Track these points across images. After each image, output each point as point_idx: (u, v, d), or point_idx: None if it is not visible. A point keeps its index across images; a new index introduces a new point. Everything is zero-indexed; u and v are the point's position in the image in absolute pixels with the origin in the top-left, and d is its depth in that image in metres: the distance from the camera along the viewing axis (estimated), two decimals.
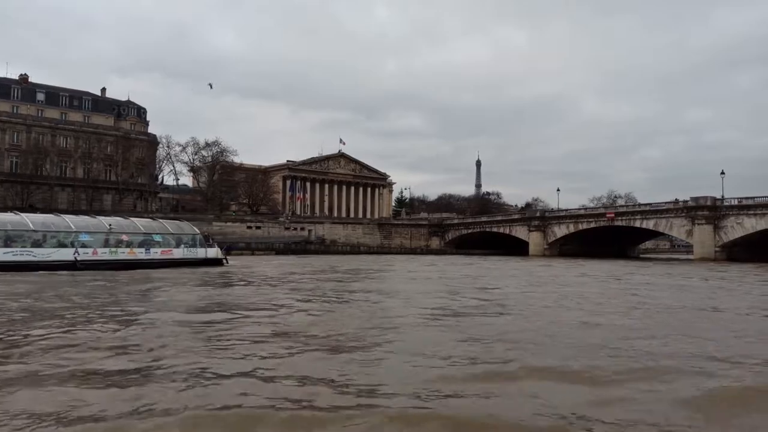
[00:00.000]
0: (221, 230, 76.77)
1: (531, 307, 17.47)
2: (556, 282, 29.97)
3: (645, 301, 19.78)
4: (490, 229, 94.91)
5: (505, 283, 29.06)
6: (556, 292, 23.28)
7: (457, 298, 19.83)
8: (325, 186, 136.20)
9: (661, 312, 16.50)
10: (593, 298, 20.52)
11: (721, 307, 18.32)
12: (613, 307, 17.53)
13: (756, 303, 19.79)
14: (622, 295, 22.18)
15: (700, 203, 68.63)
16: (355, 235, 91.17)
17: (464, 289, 24.37)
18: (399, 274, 36.42)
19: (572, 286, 26.59)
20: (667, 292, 23.78)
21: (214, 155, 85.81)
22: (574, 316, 15.04)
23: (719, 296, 22.45)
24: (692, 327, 13.39)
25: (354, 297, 20.01)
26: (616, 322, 13.96)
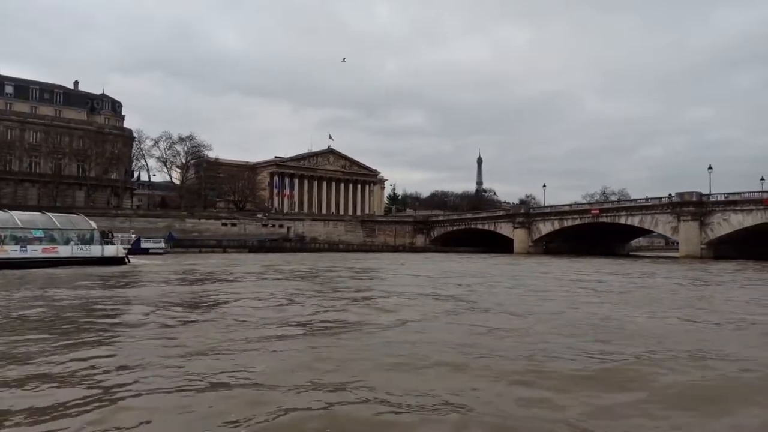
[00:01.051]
0: (194, 227, 74.98)
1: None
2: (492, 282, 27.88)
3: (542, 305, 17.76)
4: (475, 226, 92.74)
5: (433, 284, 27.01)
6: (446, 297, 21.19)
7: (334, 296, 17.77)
8: (314, 183, 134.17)
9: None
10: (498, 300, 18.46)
11: (619, 313, 16.26)
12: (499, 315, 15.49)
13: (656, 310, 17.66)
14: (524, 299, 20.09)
15: (685, 199, 66.31)
16: (337, 233, 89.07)
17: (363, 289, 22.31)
18: (342, 274, 34.34)
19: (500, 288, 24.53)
20: (595, 297, 21.73)
21: (188, 150, 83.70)
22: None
23: (639, 301, 20.41)
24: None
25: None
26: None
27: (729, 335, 12.60)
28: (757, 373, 8.75)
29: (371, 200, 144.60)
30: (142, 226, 69.29)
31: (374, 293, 20.86)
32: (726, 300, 19.97)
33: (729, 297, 21.13)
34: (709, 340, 11.65)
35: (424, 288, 23.07)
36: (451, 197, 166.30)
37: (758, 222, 62.00)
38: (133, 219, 68.94)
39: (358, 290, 21.98)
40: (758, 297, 21.23)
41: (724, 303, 18.98)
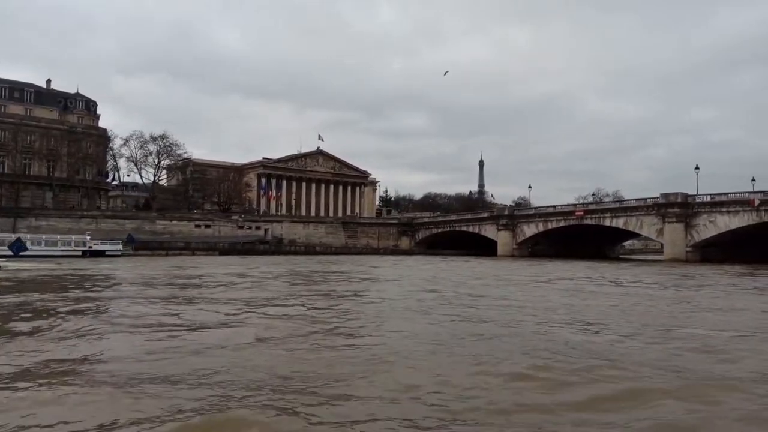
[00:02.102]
0: (166, 229, 72.88)
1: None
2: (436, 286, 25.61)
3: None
4: (459, 228, 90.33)
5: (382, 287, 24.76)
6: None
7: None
8: (302, 184, 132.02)
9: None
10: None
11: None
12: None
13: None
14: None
15: (670, 200, 63.80)
16: (317, 235, 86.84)
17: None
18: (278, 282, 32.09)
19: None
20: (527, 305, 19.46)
21: (160, 150, 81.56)
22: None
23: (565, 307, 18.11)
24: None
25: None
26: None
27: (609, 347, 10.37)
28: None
29: (361, 202, 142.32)
30: (110, 228, 67.36)
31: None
32: (643, 309, 17.65)
33: (659, 306, 18.84)
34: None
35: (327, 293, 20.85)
36: (444, 199, 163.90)
37: (745, 224, 59.48)
38: (100, 220, 66.94)
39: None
40: (696, 306, 18.91)
41: (644, 312, 16.74)
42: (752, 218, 58.78)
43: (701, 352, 10.76)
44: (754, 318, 16.08)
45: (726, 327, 14.01)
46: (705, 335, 12.68)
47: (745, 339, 12.43)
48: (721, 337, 12.56)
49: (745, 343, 11.89)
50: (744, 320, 15.50)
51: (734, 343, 11.88)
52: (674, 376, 8.61)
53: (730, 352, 10.81)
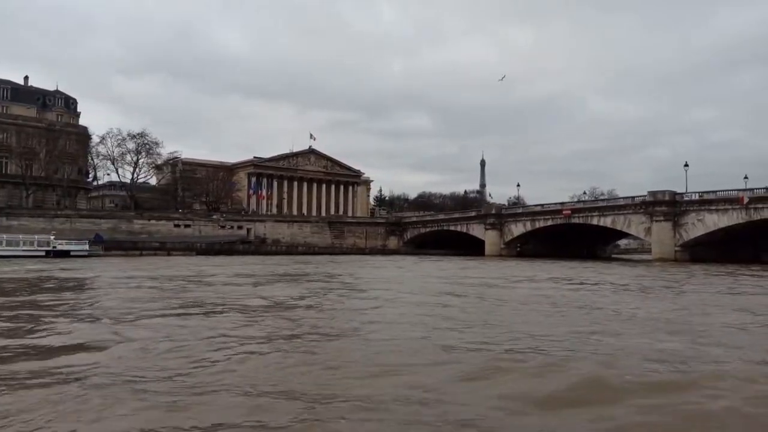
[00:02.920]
0: (143, 229, 71.38)
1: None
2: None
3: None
4: (447, 228, 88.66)
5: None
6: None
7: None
8: (293, 183, 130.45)
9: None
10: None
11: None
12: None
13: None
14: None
15: (657, 198, 62.00)
16: (302, 234, 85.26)
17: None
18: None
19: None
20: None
21: (139, 147, 79.90)
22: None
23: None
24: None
25: None
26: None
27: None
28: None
29: (354, 201, 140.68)
30: (85, 228, 65.87)
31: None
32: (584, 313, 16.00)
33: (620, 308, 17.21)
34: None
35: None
36: (438, 198, 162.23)
37: (735, 222, 57.68)
38: (74, 220, 65.45)
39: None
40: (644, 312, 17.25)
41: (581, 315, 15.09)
42: (741, 216, 56.95)
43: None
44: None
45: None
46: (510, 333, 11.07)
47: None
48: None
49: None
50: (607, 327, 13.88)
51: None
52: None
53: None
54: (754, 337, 12.64)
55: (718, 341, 11.77)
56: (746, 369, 9.12)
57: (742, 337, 12.46)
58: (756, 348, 11.12)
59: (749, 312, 16.91)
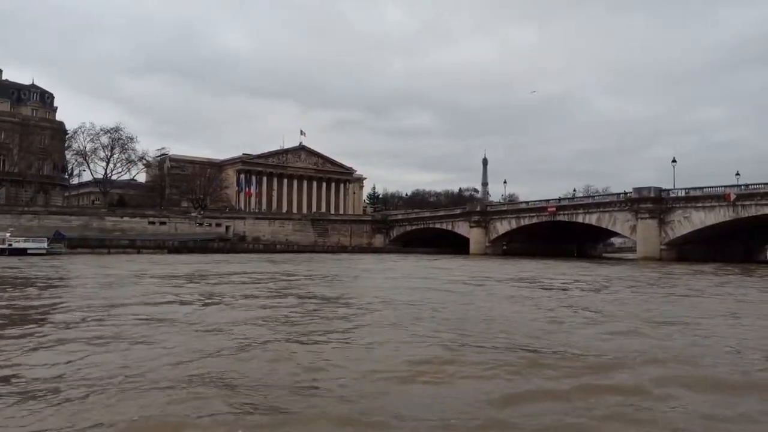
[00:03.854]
0: (116, 226, 69.63)
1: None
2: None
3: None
4: (433, 226, 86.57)
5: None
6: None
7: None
8: (283, 181, 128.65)
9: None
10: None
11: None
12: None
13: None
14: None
15: (643, 195, 59.75)
16: (283, 232, 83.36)
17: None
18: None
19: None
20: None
21: (112, 143, 77.93)
22: None
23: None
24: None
25: None
26: None
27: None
28: None
29: (346, 199, 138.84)
30: (54, 225, 64.18)
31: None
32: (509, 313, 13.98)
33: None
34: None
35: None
36: (432, 196, 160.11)
37: (722, 220, 55.38)
38: (43, 217, 63.70)
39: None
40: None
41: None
42: (728, 214, 54.69)
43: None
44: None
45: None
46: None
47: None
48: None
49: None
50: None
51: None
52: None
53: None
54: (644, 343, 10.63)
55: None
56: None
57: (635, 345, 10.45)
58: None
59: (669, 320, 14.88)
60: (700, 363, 9.49)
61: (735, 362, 9.69)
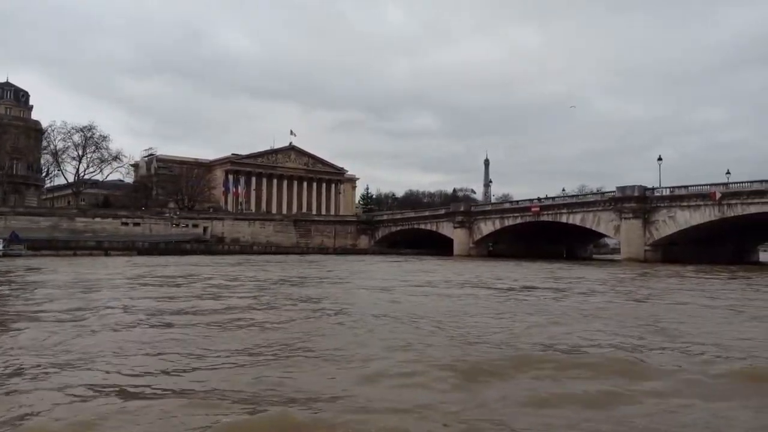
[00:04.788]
0: (87, 227, 67.88)
1: None
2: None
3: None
4: (417, 226, 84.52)
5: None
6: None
7: None
8: (273, 181, 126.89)
9: None
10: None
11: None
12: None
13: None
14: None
15: (626, 194, 57.62)
16: (264, 233, 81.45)
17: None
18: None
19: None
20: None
21: (85, 142, 75.87)
22: None
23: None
24: None
25: None
26: None
27: None
28: None
29: (337, 200, 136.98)
30: (22, 226, 62.44)
31: None
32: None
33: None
34: None
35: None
36: (426, 196, 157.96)
37: (707, 219, 53.21)
38: (10, 218, 62.05)
39: None
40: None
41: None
42: (714, 213, 52.49)
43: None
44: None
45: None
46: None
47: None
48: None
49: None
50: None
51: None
52: None
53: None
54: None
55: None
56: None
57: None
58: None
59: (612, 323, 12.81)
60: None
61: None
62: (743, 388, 7.61)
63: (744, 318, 15.12)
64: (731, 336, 11.86)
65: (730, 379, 8.04)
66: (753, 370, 8.67)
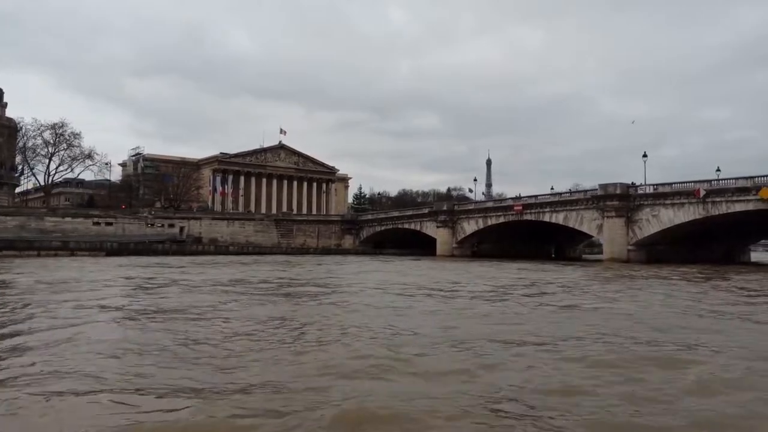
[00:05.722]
0: (57, 227, 66.00)
1: None
2: None
3: None
4: (402, 226, 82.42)
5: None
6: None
7: None
8: (262, 180, 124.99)
9: None
10: None
11: None
12: None
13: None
14: None
15: (608, 191, 55.38)
16: (244, 233, 79.52)
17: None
18: None
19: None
20: None
21: (57, 140, 74.04)
22: None
23: None
24: None
25: None
26: None
27: None
28: None
29: (328, 199, 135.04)
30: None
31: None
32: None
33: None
34: None
35: None
36: (420, 196, 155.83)
37: (691, 218, 50.88)
38: None
39: None
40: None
41: None
42: (698, 212, 50.17)
43: None
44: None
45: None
46: None
47: None
48: None
49: None
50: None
51: None
52: None
53: None
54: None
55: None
56: None
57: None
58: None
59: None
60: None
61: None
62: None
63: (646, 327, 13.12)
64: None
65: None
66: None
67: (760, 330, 13.85)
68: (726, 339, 11.97)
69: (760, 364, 9.50)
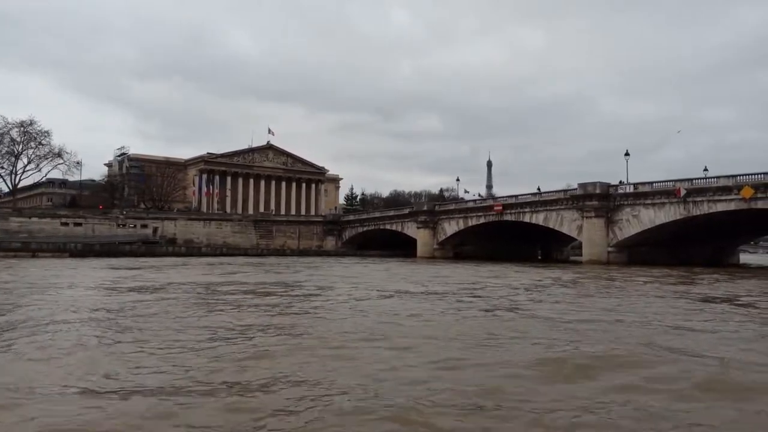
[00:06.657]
0: (23, 227, 64.17)
1: None
2: None
3: None
4: (383, 227, 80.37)
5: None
6: None
7: None
8: (249, 181, 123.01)
9: None
10: None
11: None
12: None
13: None
14: None
15: (588, 191, 53.28)
16: (221, 234, 77.54)
17: None
18: None
19: None
20: None
21: (24, 138, 71.89)
22: None
23: None
24: None
25: None
26: None
27: None
28: None
29: (318, 200, 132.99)
30: None
31: None
32: None
33: None
34: None
35: None
36: (412, 196, 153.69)
37: (673, 218, 48.81)
38: None
39: None
40: None
41: None
42: (679, 212, 48.06)
43: None
44: None
45: None
46: None
47: None
48: None
49: None
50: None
51: None
52: None
53: None
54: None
55: None
56: None
57: None
58: None
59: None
60: None
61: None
62: None
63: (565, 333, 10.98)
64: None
65: None
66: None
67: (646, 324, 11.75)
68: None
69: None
